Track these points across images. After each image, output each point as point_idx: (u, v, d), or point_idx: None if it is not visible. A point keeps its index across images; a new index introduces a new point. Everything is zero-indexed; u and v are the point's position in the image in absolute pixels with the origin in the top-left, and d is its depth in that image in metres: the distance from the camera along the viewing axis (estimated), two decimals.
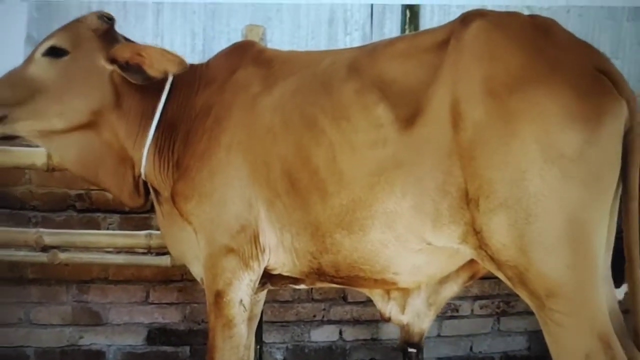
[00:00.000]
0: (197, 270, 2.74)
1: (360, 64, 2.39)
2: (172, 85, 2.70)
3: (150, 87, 2.62)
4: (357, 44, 4.57)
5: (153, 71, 2.55)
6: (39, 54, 2.64)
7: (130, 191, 2.81)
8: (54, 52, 2.62)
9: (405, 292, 2.65)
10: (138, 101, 2.69)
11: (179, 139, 2.66)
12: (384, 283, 2.47)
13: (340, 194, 2.29)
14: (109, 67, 2.62)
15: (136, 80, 2.57)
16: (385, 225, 2.25)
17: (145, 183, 2.82)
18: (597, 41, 5.02)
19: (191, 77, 2.74)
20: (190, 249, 2.71)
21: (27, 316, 3.81)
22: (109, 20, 2.72)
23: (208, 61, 2.85)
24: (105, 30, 2.68)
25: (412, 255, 2.31)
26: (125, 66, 2.58)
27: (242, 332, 2.54)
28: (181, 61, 2.56)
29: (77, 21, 2.71)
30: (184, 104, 2.70)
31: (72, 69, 2.63)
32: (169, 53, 2.56)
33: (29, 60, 2.66)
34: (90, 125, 2.67)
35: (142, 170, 2.72)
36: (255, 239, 2.50)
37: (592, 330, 1.95)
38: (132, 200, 2.84)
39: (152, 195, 2.84)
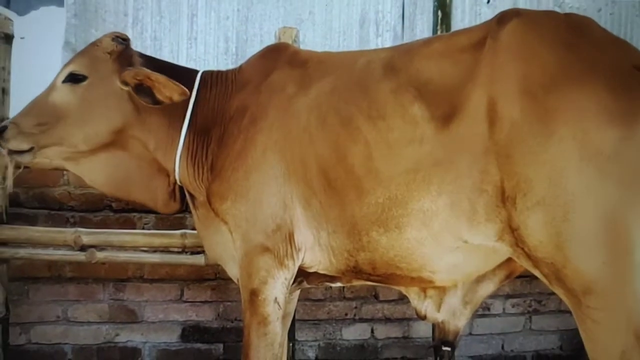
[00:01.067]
0: (234, 271, 2.77)
1: (396, 64, 2.41)
2: (199, 92, 2.77)
3: None
4: (388, 45, 4.58)
5: (161, 96, 2.61)
6: (59, 81, 2.71)
7: (165, 200, 2.88)
8: (74, 78, 2.70)
9: (442, 291, 2.65)
10: (162, 114, 2.74)
11: (213, 142, 2.71)
12: (420, 281, 2.48)
13: (377, 191, 2.31)
14: (124, 88, 2.68)
15: (147, 102, 2.63)
16: (421, 223, 2.27)
17: (181, 188, 2.87)
18: (628, 39, 4.99)
19: (222, 82, 2.81)
20: (227, 250, 2.74)
21: (65, 314, 3.87)
22: (124, 40, 2.78)
23: (241, 65, 2.89)
24: (121, 52, 2.74)
25: (448, 254, 2.31)
26: (138, 88, 2.63)
27: (277, 330, 2.57)
28: (183, 91, 2.60)
29: (94, 45, 2.78)
30: (216, 108, 2.75)
31: (91, 93, 2.69)
32: (172, 82, 2.59)
33: (51, 87, 2.74)
34: (114, 143, 2.75)
35: (177, 177, 2.78)
36: (291, 237, 2.52)
37: (628, 327, 1.94)
38: (167, 207, 2.91)
39: (188, 199, 2.89)
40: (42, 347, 3.85)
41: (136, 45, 4.71)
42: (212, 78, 2.83)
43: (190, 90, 2.72)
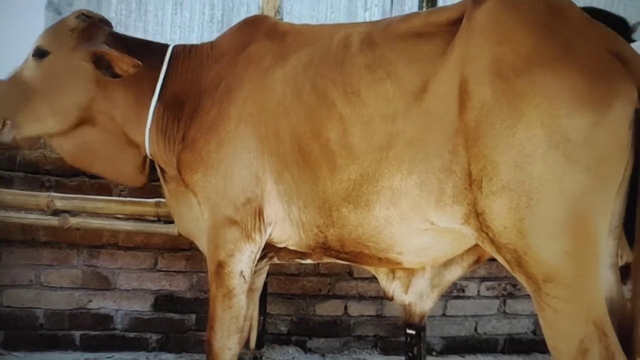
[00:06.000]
0: (204, 245, 2.76)
1: (373, 39, 2.37)
2: (169, 66, 2.76)
3: (140, 74, 2.66)
4: (376, 19, 4.52)
5: (118, 69, 2.61)
6: (30, 55, 2.74)
7: (132, 173, 2.89)
8: (39, 53, 2.72)
9: (410, 273, 2.65)
10: (127, 89, 2.74)
11: (185, 115, 2.70)
12: (388, 262, 2.47)
13: (349, 167, 2.29)
14: (86, 64, 2.68)
15: (106, 75, 2.64)
16: (390, 201, 2.25)
17: (151, 161, 2.86)
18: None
19: (196, 56, 2.80)
20: (198, 226, 2.74)
21: (38, 278, 3.85)
22: (88, 18, 2.78)
23: (216, 39, 2.88)
24: (84, 29, 2.74)
25: (416, 236, 2.30)
26: (97, 62, 2.65)
27: (242, 303, 2.58)
28: (135, 63, 2.61)
29: (61, 21, 2.80)
30: (188, 81, 2.74)
31: (53, 69, 2.71)
32: (125, 56, 2.61)
33: (26, 60, 2.77)
34: (85, 121, 2.76)
35: (147, 151, 2.77)
36: (260, 211, 2.51)
37: (587, 317, 1.93)
38: (134, 180, 2.94)
39: (159, 173, 2.88)
40: (14, 311, 3.83)
41: (121, 9, 4.69)
42: (184, 52, 2.83)
43: (161, 64, 2.74)
